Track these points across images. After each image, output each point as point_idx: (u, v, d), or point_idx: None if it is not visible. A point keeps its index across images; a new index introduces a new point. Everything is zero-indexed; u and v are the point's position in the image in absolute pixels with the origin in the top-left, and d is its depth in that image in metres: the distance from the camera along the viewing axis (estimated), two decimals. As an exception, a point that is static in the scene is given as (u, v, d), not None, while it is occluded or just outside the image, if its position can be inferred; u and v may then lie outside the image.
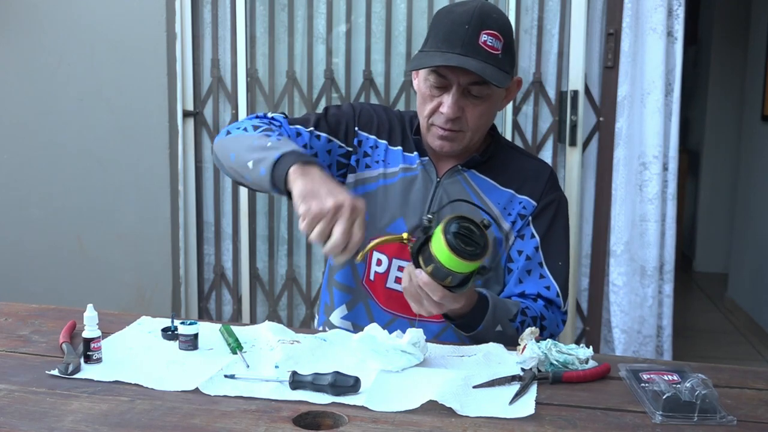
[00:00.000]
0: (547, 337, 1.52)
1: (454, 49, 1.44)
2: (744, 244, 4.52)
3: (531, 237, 1.59)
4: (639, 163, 2.85)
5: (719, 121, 5.40)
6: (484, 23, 1.45)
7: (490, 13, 1.47)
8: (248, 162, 1.43)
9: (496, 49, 1.46)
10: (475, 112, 1.51)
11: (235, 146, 1.50)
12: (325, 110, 1.67)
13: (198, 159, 3.13)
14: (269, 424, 1.08)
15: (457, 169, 1.60)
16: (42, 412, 1.10)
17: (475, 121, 1.52)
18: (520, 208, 1.59)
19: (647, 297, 2.89)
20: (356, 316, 1.64)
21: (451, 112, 1.48)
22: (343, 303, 1.66)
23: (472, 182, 1.59)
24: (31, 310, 1.59)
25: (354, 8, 3.02)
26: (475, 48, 1.44)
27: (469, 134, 1.53)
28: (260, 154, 1.42)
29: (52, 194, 3.09)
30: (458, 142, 1.54)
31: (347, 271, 1.65)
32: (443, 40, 1.46)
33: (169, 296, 3.08)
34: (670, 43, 2.79)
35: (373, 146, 1.64)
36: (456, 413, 1.12)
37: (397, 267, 1.58)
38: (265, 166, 1.39)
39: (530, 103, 2.94)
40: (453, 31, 1.46)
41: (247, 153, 1.45)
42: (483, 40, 1.44)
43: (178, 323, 1.40)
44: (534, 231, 1.59)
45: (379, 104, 1.89)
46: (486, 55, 1.45)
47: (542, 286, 1.57)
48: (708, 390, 1.14)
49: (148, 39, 2.95)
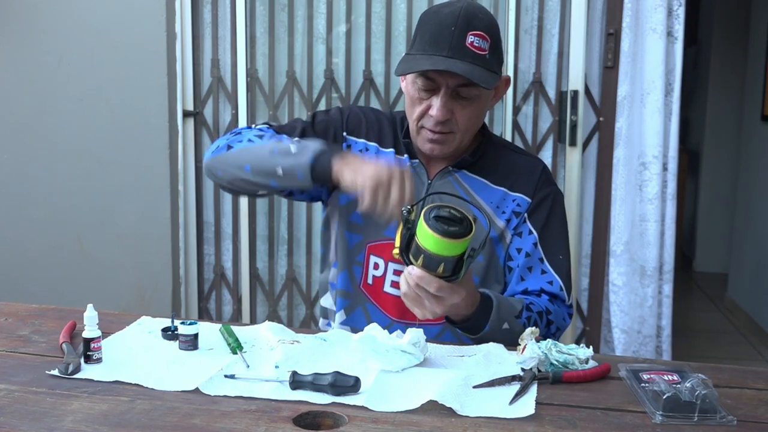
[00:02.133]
0: (554, 331, 1.53)
1: (441, 52, 1.44)
2: (744, 244, 4.52)
3: (529, 233, 1.58)
4: (639, 163, 2.85)
5: (719, 121, 5.40)
6: (470, 24, 1.44)
7: (476, 14, 1.47)
8: (276, 168, 1.46)
9: (483, 49, 1.45)
10: (465, 113, 1.51)
11: (250, 157, 1.51)
12: (313, 117, 1.67)
13: (198, 159, 3.13)
14: (269, 424, 1.08)
15: (448, 171, 1.60)
16: (42, 412, 1.10)
17: (465, 122, 1.52)
18: (514, 206, 1.59)
19: (647, 297, 2.89)
20: (354, 320, 1.64)
21: (440, 114, 1.48)
22: (342, 308, 1.66)
23: (464, 182, 1.59)
24: (31, 310, 1.59)
25: (354, 8, 3.02)
26: (462, 50, 1.44)
27: (459, 136, 1.53)
28: (290, 160, 1.45)
29: (52, 194, 3.09)
30: (448, 145, 1.54)
31: (345, 276, 1.65)
32: (430, 43, 1.46)
33: (169, 296, 3.08)
34: (670, 43, 2.79)
35: (363, 150, 1.63)
36: (456, 413, 1.12)
37: (393, 271, 1.58)
38: (302, 170, 1.43)
39: (530, 103, 2.94)
40: (439, 33, 1.45)
41: (270, 160, 1.47)
42: (470, 41, 1.44)
43: (178, 323, 1.40)
44: (531, 227, 1.59)
45: (369, 107, 1.89)
46: (473, 56, 1.44)
47: (545, 281, 1.57)
48: (708, 390, 1.14)
49: (148, 39, 2.95)
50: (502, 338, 1.43)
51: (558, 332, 1.56)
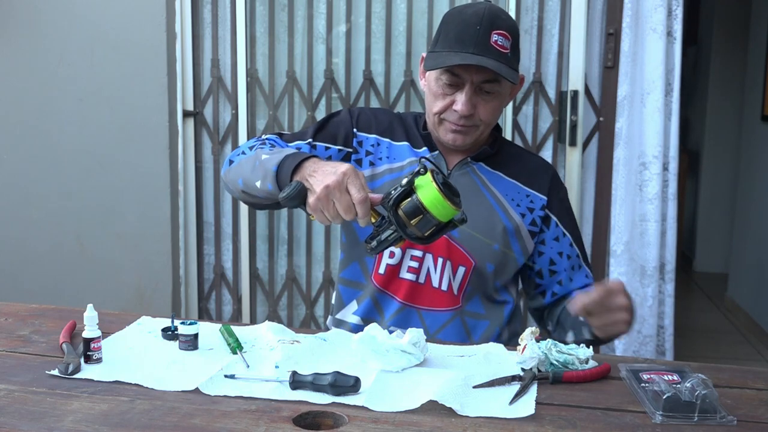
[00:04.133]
0: None
1: (468, 49, 1.50)
2: (744, 244, 4.52)
3: (563, 236, 1.67)
4: (639, 163, 2.85)
5: (719, 121, 5.39)
6: (494, 24, 1.51)
7: (499, 14, 1.54)
8: (256, 182, 1.45)
9: (505, 48, 1.52)
10: (488, 108, 1.57)
11: (240, 172, 1.52)
12: (323, 119, 1.72)
13: (198, 159, 3.13)
14: (269, 424, 1.08)
15: (467, 162, 1.65)
16: (42, 412, 1.10)
17: (488, 116, 1.58)
18: (527, 201, 1.65)
19: (647, 297, 2.89)
20: (366, 310, 1.66)
21: (465, 109, 1.54)
22: (354, 299, 1.68)
23: (481, 174, 1.65)
24: (31, 310, 1.59)
25: (354, 8, 3.02)
26: (487, 47, 1.50)
27: (482, 128, 1.60)
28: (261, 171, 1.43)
29: (52, 194, 3.09)
30: (471, 136, 1.60)
31: (355, 268, 1.68)
32: (456, 41, 1.52)
33: (169, 296, 3.08)
34: (670, 43, 2.79)
35: (375, 144, 1.67)
36: (456, 413, 1.12)
37: (410, 257, 1.61)
38: (270, 181, 1.40)
39: (530, 103, 2.94)
40: (465, 31, 1.51)
41: (252, 174, 1.47)
42: (494, 39, 1.51)
43: (178, 323, 1.40)
44: (564, 230, 1.67)
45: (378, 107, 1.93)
46: (497, 54, 1.50)
47: (583, 276, 1.68)
48: (708, 390, 1.14)
49: (148, 39, 2.95)
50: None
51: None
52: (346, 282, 1.69)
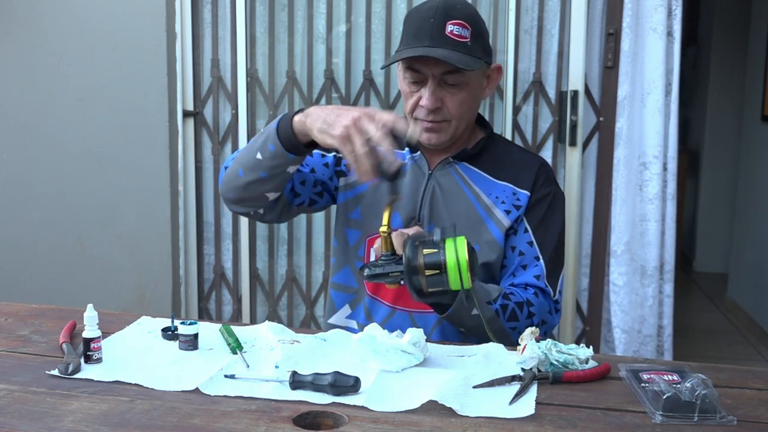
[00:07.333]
0: (538, 323, 1.54)
1: (423, 43, 1.50)
2: (744, 244, 4.52)
3: (524, 232, 1.60)
4: (639, 163, 2.85)
5: (719, 121, 5.40)
6: (448, 14, 1.51)
7: (454, 5, 1.53)
8: (256, 155, 1.48)
9: (463, 37, 1.50)
10: (455, 100, 1.55)
11: (239, 161, 1.54)
12: None
13: (198, 159, 3.13)
14: (269, 424, 1.08)
15: (448, 161, 1.63)
16: (42, 412, 1.10)
17: (457, 109, 1.56)
18: (513, 199, 1.61)
19: (647, 297, 2.89)
20: (358, 314, 1.66)
21: (429, 103, 1.53)
22: (346, 303, 1.68)
23: (463, 174, 1.63)
24: (31, 310, 1.59)
25: (354, 8, 3.02)
26: (442, 38, 1.50)
27: (454, 123, 1.57)
28: (261, 139, 1.48)
29: (52, 194, 3.09)
30: (444, 133, 1.58)
31: (347, 272, 1.67)
32: (413, 36, 1.53)
33: (169, 296, 3.08)
34: (670, 43, 2.79)
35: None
36: (456, 413, 1.12)
37: None
38: (272, 140, 1.45)
39: (530, 103, 2.94)
40: (420, 26, 1.52)
41: (250, 154, 1.50)
42: (449, 30, 1.50)
43: (178, 323, 1.40)
44: (527, 225, 1.61)
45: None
46: (454, 43, 1.50)
47: (531, 276, 1.58)
48: (708, 390, 1.14)
49: (148, 39, 2.95)
50: (473, 324, 1.44)
51: (543, 325, 1.56)
52: (338, 286, 1.69)
